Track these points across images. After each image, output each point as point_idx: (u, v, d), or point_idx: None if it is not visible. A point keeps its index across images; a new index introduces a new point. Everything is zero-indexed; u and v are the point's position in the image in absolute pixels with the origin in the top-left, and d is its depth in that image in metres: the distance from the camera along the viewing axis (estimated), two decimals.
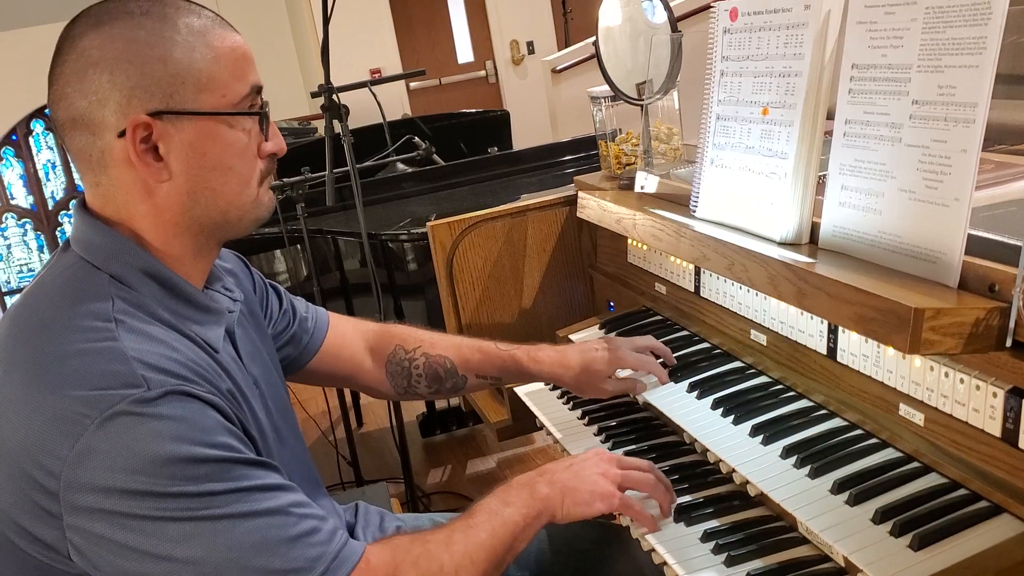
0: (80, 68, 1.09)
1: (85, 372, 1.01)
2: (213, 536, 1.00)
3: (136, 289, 1.11)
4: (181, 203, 1.14)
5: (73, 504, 0.99)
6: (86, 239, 1.14)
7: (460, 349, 1.66)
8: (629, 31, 1.92)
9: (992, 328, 1.06)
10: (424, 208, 3.18)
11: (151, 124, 1.09)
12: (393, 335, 1.67)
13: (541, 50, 7.02)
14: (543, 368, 1.65)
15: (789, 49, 1.41)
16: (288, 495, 1.08)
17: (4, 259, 7.58)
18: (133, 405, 0.99)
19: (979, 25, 1.08)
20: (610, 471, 1.31)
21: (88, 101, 1.09)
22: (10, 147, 7.37)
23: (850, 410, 1.35)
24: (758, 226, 1.47)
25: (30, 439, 1.00)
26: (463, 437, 3.95)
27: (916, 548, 1.07)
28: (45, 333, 1.06)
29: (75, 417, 0.99)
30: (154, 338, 1.07)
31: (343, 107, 2.83)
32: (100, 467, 0.98)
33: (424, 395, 1.68)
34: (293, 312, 1.56)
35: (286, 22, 7.26)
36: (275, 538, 1.03)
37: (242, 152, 1.16)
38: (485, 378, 1.67)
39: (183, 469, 0.99)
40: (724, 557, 1.22)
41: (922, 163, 1.17)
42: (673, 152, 1.97)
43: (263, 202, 1.21)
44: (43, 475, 0.99)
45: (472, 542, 1.18)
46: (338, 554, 1.08)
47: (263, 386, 1.30)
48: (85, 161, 1.13)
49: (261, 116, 1.18)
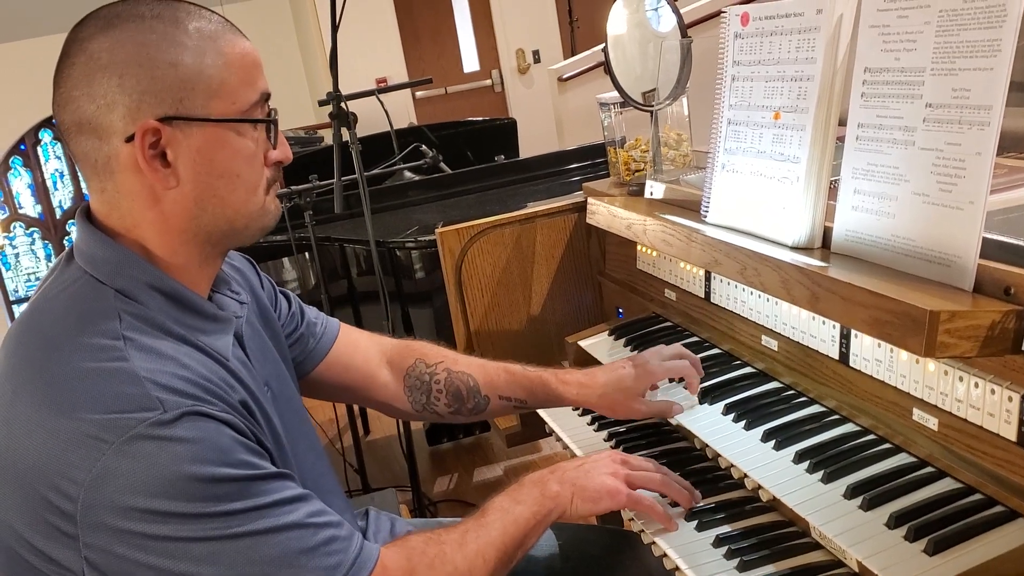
0: (88, 71, 1.07)
1: (98, 395, 1.00)
2: (236, 554, 1.01)
3: (143, 303, 1.10)
4: (188, 210, 1.13)
5: (92, 525, 0.99)
6: (90, 252, 1.12)
7: (485, 368, 1.62)
8: (638, 36, 1.92)
9: (1008, 331, 1.06)
10: (431, 216, 3.18)
11: (160, 130, 1.08)
12: (414, 349, 1.63)
13: (547, 59, 7.03)
14: (571, 390, 1.59)
15: (801, 53, 1.40)
16: (305, 506, 1.08)
17: (12, 268, 7.59)
18: (151, 428, 0.99)
19: (994, 27, 1.08)
20: (619, 470, 1.33)
21: (96, 105, 1.07)
22: (18, 156, 7.38)
23: (863, 415, 1.34)
24: (770, 231, 1.46)
25: (44, 462, 1.00)
26: (470, 445, 3.95)
27: (931, 553, 1.07)
28: (53, 352, 1.05)
29: (92, 442, 0.98)
30: (164, 355, 1.06)
31: (351, 115, 2.83)
32: (119, 490, 0.98)
33: (443, 414, 1.62)
34: (302, 315, 1.55)
35: (292, 32, 7.27)
36: (295, 550, 1.04)
37: (250, 160, 1.15)
38: (509, 400, 1.61)
39: (203, 489, 1.00)
40: (737, 562, 1.21)
41: (936, 166, 1.16)
42: (682, 158, 1.97)
43: (269, 210, 1.20)
44: (59, 498, 0.99)
45: (483, 541, 1.20)
46: (356, 560, 1.09)
47: (274, 385, 1.29)
48: (90, 166, 1.11)
49: (270, 124, 1.17)
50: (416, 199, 3.47)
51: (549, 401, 1.63)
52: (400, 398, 1.61)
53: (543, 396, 1.61)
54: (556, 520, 1.28)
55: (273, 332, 1.40)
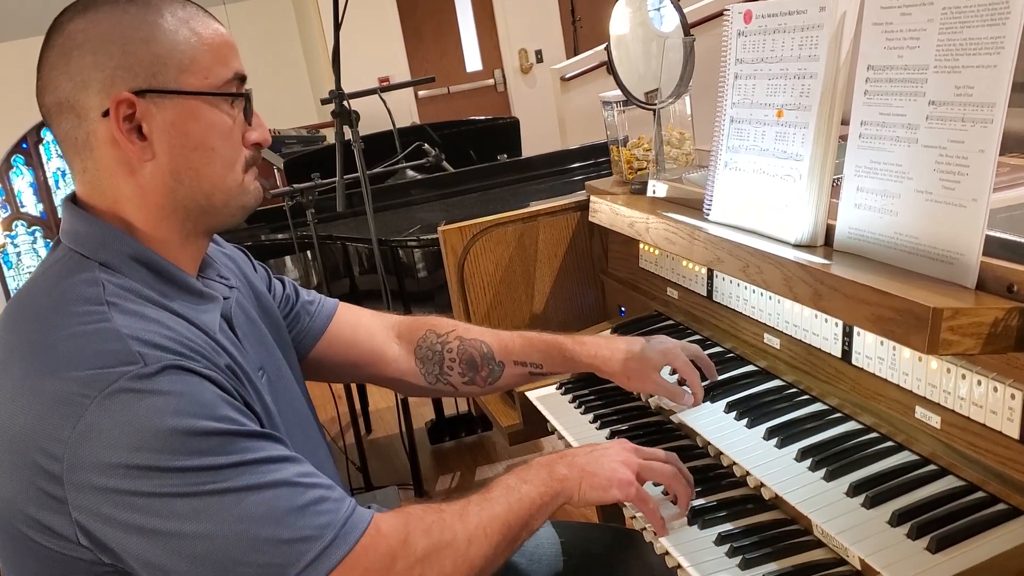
0: (66, 51, 1.11)
1: (80, 353, 1.01)
2: (221, 510, 1.00)
3: (127, 275, 1.12)
4: (165, 183, 1.15)
5: (77, 485, 0.99)
6: (74, 230, 1.15)
7: (498, 335, 1.61)
8: (642, 35, 1.92)
9: (1011, 328, 1.06)
10: (433, 215, 3.18)
11: (134, 102, 1.11)
12: (424, 321, 1.62)
13: (549, 59, 7.04)
14: (588, 349, 1.57)
15: (804, 51, 1.40)
16: (294, 466, 1.07)
17: (14, 266, 7.60)
18: (132, 381, 0.99)
19: (997, 25, 1.08)
20: (631, 460, 1.30)
21: (73, 82, 1.11)
22: (20, 155, 7.40)
23: (866, 413, 1.34)
24: (773, 228, 1.46)
25: (31, 425, 1.00)
26: (472, 444, 3.95)
27: (934, 551, 1.06)
28: (38, 321, 1.07)
29: (74, 398, 0.99)
30: (148, 317, 1.07)
31: (354, 113, 2.84)
32: (102, 445, 0.98)
33: (456, 386, 1.60)
34: (296, 295, 1.54)
35: (295, 30, 7.28)
36: (283, 508, 1.03)
37: (225, 135, 1.17)
38: (525, 365, 1.59)
39: (186, 443, 0.99)
40: (739, 560, 1.21)
41: (939, 164, 1.16)
42: (685, 157, 1.97)
43: (249, 189, 1.21)
44: (46, 459, 0.99)
45: (487, 515, 1.17)
46: (346, 520, 1.07)
47: (270, 372, 1.29)
48: (72, 146, 1.14)
49: (244, 100, 1.19)
50: (418, 198, 3.47)
51: (565, 364, 1.60)
52: (412, 372, 1.59)
53: (559, 358, 1.59)
54: (563, 505, 1.25)
55: (272, 321, 1.39)
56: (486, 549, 1.15)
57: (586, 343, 1.59)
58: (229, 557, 1.00)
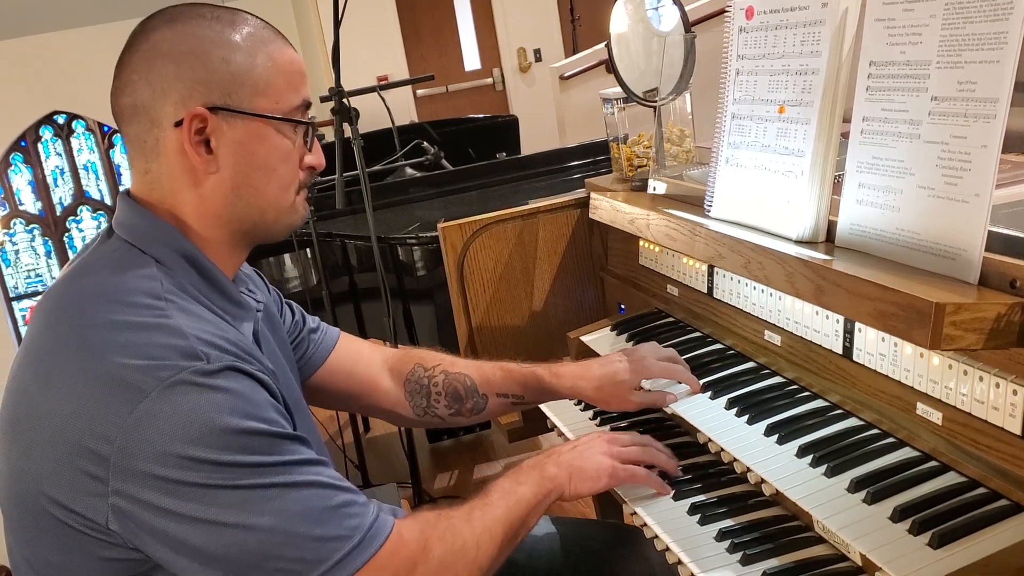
0: (149, 58, 1.16)
1: (142, 344, 1.06)
2: (262, 503, 1.05)
3: (177, 274, 1.16)
4: (225, 196, 1.20)
5: (124, 469, 1.02)
6: (130, 223, 1.19)
7: (481, 368, 1.66)
8: (642, 33, 1.92)
9: (1013, 324, 1.06)
10: (432, 212, 3.17)
11: (207, 117, 1.16)
12: (413, 355, 1.68)
13: (548, 57, 7.02)
14: (564, 382, 1.62)
15: (806, 47, 1.40)
16: (326, 469, 1.13)
17: (12, 265, 7.60)
18: (195, 376, 1.04)
19: (1000, 20, 1.08)
20: (611, 449, 1.38)
21: (152, 89, 1.16)
22: (19, 153, 7.39)
23: (866, 409, 1.34)
24: (774, 225, 1.46)
25: (84, 407, 1.03)
26: (470, 442, 3.95)
27: (935, 546, 1.06)
28: (95, 304, 1.10)
29: (135, 383, 1.03)
30: (203, 319, 1.13)
31: (353, 111, 2.83)
32: (159, 433, 1.02)
33: (444, 417, 1.65)
34: (303, 321, 1.60)
35: (294, 28, 7.27)
36: (318, 507, 1.08)
37: (286, 158, 1.22)
38: (507, 397, 1.65)
39: (237, 440, 1.04)
40: (740, 556, 1.21)
41: (941, 159, 1.16)
42: (685, 154, 1.97)
43: (298, 210, 1.27)
44: (97, 441, 1.02)
45: (489, 518, 1.24)
46: (373, 525, 1.12)
47: (283, 385, 1.31)
48: (139, 147, 1.19)
49: (309, 127, 1.25)
50: (417, 195, 3.47)
51: (543, 394, 1.66)
52: (402, 404, 1.65)
53: (537, 390, 1.64)
54: (556, 501, 1.33)
55: (280, 339, 1.44)
56: (491, 551, 1.22)
57: (563, 375, 1.63)
58: (263, 550, 1.05)
